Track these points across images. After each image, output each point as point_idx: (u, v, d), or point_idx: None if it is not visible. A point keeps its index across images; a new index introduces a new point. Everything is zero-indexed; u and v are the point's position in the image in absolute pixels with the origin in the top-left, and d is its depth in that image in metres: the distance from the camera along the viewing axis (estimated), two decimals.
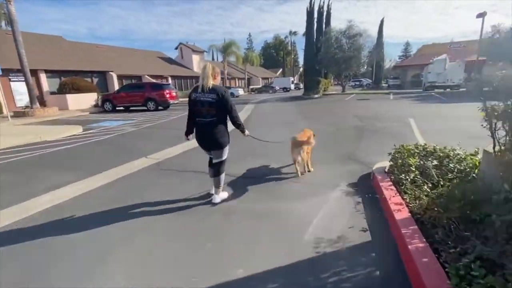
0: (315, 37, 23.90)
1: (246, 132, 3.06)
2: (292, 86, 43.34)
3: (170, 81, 29.68)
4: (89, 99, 16.83)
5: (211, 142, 2.85)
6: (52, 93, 17.03)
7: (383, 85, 41.79)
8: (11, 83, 15.67)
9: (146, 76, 26.18)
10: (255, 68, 55.68)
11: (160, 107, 15.33)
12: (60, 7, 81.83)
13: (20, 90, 16.12)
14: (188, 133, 3.03)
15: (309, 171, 3.91)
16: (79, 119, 12.22)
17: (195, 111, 2.77)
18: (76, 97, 16.31)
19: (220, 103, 2.68)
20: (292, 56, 66.19)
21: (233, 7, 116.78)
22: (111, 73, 20.64)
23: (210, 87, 2.65)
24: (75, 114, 14.10)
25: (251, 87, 44.21)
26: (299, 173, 3.72)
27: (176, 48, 35.46)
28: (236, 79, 44.22)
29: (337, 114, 10.74)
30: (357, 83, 43.00)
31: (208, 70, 2.65)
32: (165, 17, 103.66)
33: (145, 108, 14.97)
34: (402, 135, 6.10)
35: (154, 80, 25.95)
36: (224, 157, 2.96)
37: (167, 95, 15.14)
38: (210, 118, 2.73)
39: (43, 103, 16.61)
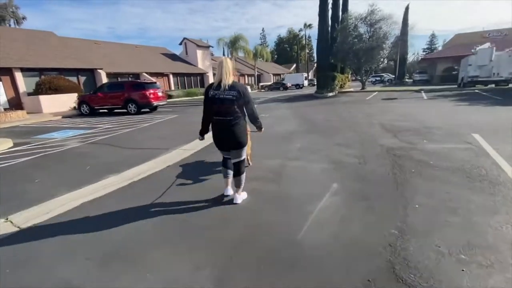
0: (329, 25, 20.71)
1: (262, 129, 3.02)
2: (306, 83, 40.10)
3: (171, 78, 27.56)
4: (69, 100, 14.78)
5: (232, 142, 2.71)
6: (30, 94, 15.17)
7: (407, 80, 37.61)
8: None
9: (144, 73, 24.14)
10: (266, 63, 52.81)
11: (143, 109, 13.02)
12: (83, 7, 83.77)
13: None
14: (204, 132, 2.89)
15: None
16: (33, 127, 10.08)
17: (213, 109, 2.62)
18: (52, 98, 14.31)
19: (242, 100, 2.58)
20: (307, 51, 62.34)
21: (249, 3, 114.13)
22: (99, 70, 18.60)
23: (230, 83, 2.52)
24: (42, 119, 12.04)
25: (261, 84, 41.42)
26: None
27: (181, 44, 33.22)
28: (246, 76, 41.58)
29: (356, 122, 7.78)
30: (378, 78, 38.98)
31: (228, 65, 2.51)
32: (181, 14, 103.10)
33: (126, 111, 12.72)
34: (482, 176, 3.26)
35: (152, 79, 23.90)
36: (244, 156, 2.87)
37: (150, 96, 12.77)
38: (230, 116, 2.58)
39: (19, 106, 14.82)
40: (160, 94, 13.51)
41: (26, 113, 12.99)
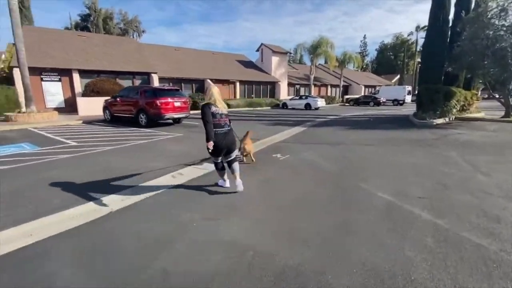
0: (449, 15, 13.36)
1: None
2: (408, 98, 30.81)
3: (238, 86, 25.38)
4: None
5: (230, 146, 3.50)
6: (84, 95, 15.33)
7: None
8: (42, 82, 14.74)
9: (208, 80, 22.72)
10: (356, 73, 45.06)
11: (162, 121, 10.45)
12: (208, 25, 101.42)
13: (51, 90, 15.10)
14: (210, 139, 3.19)
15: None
16: (16, 133, 8.74)
17: (214, 122, 3.28)
18: (88, 100, 13.80)
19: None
20: (417, 60, 50.09)
21: (360, 11, 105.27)
22: (153, 74, 17.84)
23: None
24: (59, 123, 11.14)
25: (346, 97, 34.69)
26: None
27: (258, 50, 31.02)
28: (328, 86, 35.76)
29: None
30: None
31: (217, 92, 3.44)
32: (288, 26, 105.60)
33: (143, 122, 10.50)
34: None
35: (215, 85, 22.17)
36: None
37: (162, 106, 10.05)
38: (227, 127, 3.43)
39: (74, 106, 15.08)
40: (178, 104, 10.65)
41: (56, 114, 12.62)
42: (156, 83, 17.81)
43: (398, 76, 52.89)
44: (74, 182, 4.07)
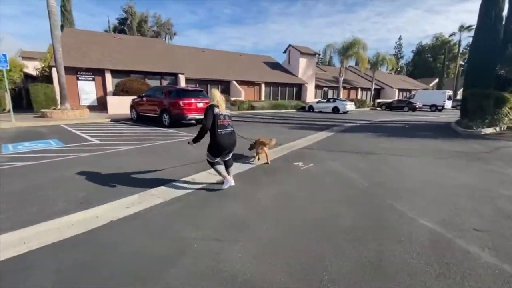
0: (503, 11, 11.78)
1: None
2: (448, 104, 28.24)
3: (263, 88, 25.05)
4: None
5: (233, 146, 3.68)
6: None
7: None
8: (78, 81, 15.56)
9: (233, 81, 22.68)
10: (390, 76, 42.60)
11: (184, 122, 10.33)
12: (238, 28, 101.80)
13: (86, 89, 15.88)
14: (195, 142, 3.60)
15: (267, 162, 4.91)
16: (46, 128, 9.08)
17: (218, 123, 3.41)
18: (118, 99, 14.27)
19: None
20: (460, 62, 46.07)
21: (395, 12, 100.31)
22: (180, 75, 18.10)
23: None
24: (88, 120, 11.58)
25: (378, 100, 32.79)
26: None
27: (285, 51, 30.46)
28: (359, 89, 34.10)
29: None
30: None
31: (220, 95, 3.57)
32: (318, 28, 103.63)
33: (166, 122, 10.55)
34: None
35: (240, 88, 22.09)
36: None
37: (185, 107, 9.99)
38: (230, 128, 3.58)
39: (105, 104, 15.73)
40: (201, 105, 10.51)
41: (88, 112, 13.17)
42: (183, 83, 18.05)
43: (437, 80, 49.03)
44: (85, 183, 3.92)
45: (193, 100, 10.31)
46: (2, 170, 4.56)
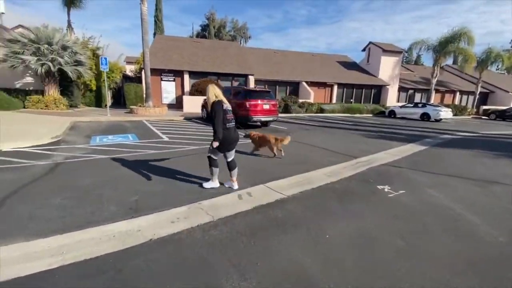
0: None
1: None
2: None
3: (335, 90, 23.17)
4: None
5: (236, 141, 3.61)
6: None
7: None
8: (162, 82, 17.23)
9: (303, 82, 21.64)
10: (502, 77, 33.80)
11: (249, 123, 10.02)
12: (310, 28, 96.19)
13: (167, 89, 17.48)
14: (218, 140, 3.31)
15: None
16: (127, 123, 10.01)
17: (226, 118, 3.37)
18: (192, 99, 15.11)
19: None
20: None
21: None
22: (250, 76, 18.13)
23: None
24: (165, 117, 12.52)
25: (484, 107, 26.42)
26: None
27: (364, 50, 27.54)
28: (457, 93, 28.16)
29: None
30: None
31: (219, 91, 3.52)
32: (403, 24, 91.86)
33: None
34: None
35: (309, 89, 20.92)
36: None
37: (250, 108, 9.65)
38: (233, 122, 3.55)
39: (182, 104, 17.04)
40: (267, 107, 10.03)
41: (166, 110, 14.31)
42: (252, 84, 18.08)
43: None
44: (140, 185, 3.74)
45: (259, 102, 9.89)
46: (85, 162, 4.92)
